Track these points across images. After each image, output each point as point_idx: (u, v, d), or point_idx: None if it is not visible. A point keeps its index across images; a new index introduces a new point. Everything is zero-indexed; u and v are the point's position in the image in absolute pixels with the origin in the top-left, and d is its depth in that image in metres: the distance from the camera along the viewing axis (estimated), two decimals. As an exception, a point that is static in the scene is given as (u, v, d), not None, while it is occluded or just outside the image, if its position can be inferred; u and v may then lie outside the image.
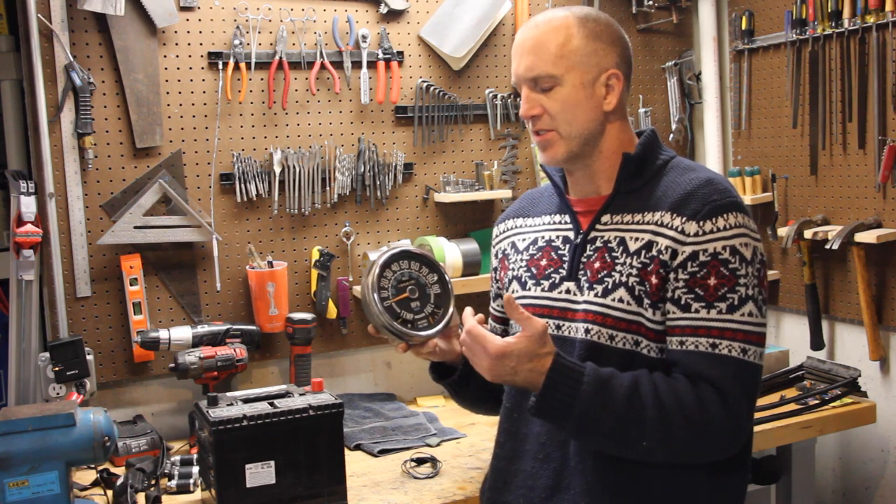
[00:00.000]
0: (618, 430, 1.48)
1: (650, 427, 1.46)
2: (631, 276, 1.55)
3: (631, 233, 1.58)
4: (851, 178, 2.82)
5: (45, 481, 1.83)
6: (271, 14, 2.62)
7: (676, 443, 1.48)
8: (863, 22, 2.69)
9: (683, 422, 1.46)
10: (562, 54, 1.58)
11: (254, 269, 2.62)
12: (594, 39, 1.60)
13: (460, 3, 2.84)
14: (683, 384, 1.48)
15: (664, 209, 1.56)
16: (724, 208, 1.52)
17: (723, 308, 1.49)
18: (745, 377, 1.49)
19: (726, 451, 1.53)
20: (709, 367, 1.48)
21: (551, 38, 1.59)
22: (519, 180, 3.01)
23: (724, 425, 1.47)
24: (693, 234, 1.51)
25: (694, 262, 1.50)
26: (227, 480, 1.91)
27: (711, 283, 1.50)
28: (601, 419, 1.47)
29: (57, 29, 2.37)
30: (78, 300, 2.46)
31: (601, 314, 1.57)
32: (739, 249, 1.50)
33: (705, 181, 1.56)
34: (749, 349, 1.49)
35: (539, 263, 1.71)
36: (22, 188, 2.31)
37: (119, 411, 2.51)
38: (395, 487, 2.13)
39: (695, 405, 1.46)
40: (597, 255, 1.61)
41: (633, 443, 1.48)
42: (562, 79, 1.58)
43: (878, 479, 2.83)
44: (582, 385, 1.46)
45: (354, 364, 2.85)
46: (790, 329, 3.13)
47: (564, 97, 1.59)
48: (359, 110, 2.78)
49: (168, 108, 2.54)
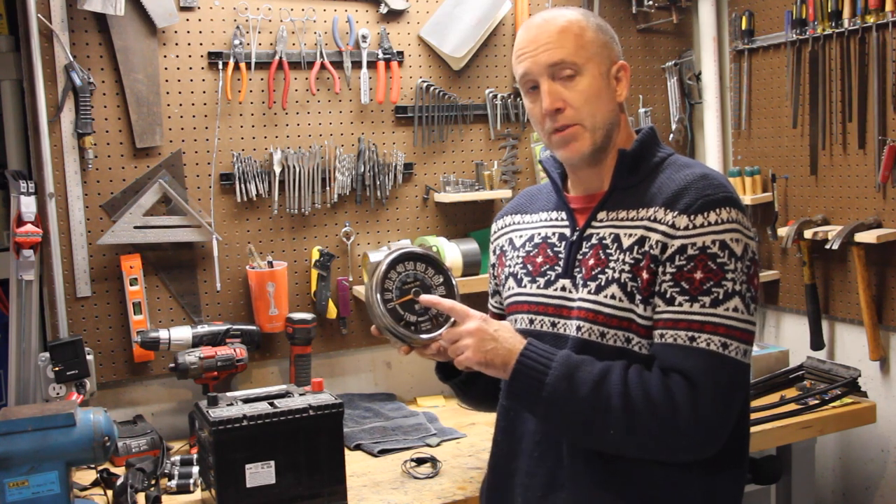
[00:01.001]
0: (584, 417, 1.48)
1: (615, 415, 1.45)
2: (623, 273, 1.54)
3: (625, 229, 1.57)
4: (851, 178, 2.82)
5: (45, 481, 1.83)
6: (271, 14, 2.62)
7: (642, 433, 1.46)
8: (863, 22, 2.69)
9: (648, 412, 1.44)
10: (581, 44, 1.58)
11: (254, 269, 2.62)
12: (602, 33, 1.62)
13: (460, 3, 2.84)
14: (655, 376, 1.47)
15: (658, 205, 1.55)
16: (716, 203, 1.50)
17: (706, 302, 1.47)
18: (722, 372, 1.45)
19: (698, 447, 1.48)
20: (682, 360, 1.46)
21: (568, 28, 1.59)
22: (519, 180, 3.01)
23: (691, 418, 1.44)
24: (683, 227, 1.50)
25: (682, 255, 1.50)
26: (227, 480, 1.91)
27: (698, 277, 1.48)
28: (568, 403, 1.48)
29: (57, 29, 2.37)
30: (78, 300, 2.46)
31: (593, 311, 1.57)
32: (729, 244, 1.49)
33: (700, 176, 1.54)
34: (731, 344, 1.46)
35: (535, 260, 1.70)
36: (22, 188, 2.31)
37: (119, 411, 2.51)
38: (395, 487, 2.13)
39: (660, 395, 1.45)
40: (592, 252, 1.60)
41: (600, 430, 1.47)
42: (583, 68, 1.58)
43: (878, 479, 2.83)
44: (550, 369, 1.49)
45: (354, 364, 2.85)
46: (790, 329, 3.13)
47: (586, 87, 1.58)
48: (359, 110, 2.78)
49: (168, 108, 2.54)
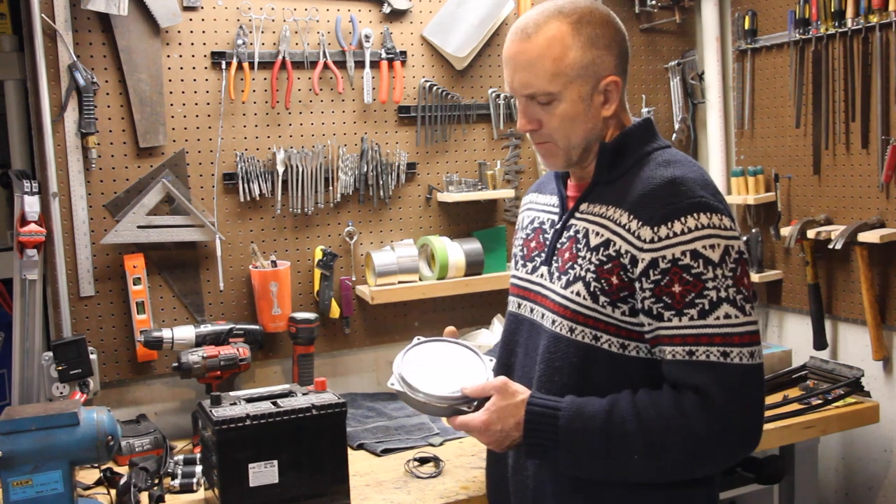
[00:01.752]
0: (607, 449, 1.46)
1: (635, 439, 1.44)
2: (588, 272, 1.52)
3: (595, 226, 1.55)
4: (854, 177, 2.81)
5: (48, 480, 1.84)
6: (274, 14, 2.62)
7: (665, 452, 1.44)
8: (866, 21, 2.68)
9: (664, 428, 1.43)
10: (558, 71, 1.51)
11: (257, 268, 2.62)
12: (591, 47, 1.52)
13: (463, 3, 2.84)
14: (666, 394, 1.46)
15: (624, 207, 1.51)
16: (680, 211, 1.44)
17: (693, 314, 1.44)
18: (732, 380, 1.42)
19: (731, 452, 1.46)
20: (689, 375, 1.44)
21: (546, 53, 1.51)
22: (522, 180, 3.01)
23: (710, 429, 1.41)
24: (649, 240, 1.46)
25: (655, 270, 1.45)
26: (231, 480, 1.91)
27: (677, 290, 1.44)
28: (587, 442, 1.46)
29: (60, 28, 2.37)
30: (81, 300, 2.47)
31: (562, 305, 1.56)
32: (702, 252, 1.43)
33: (668, 181, 1.48)
34: (731, 351, 1.42)
35: (530, 245, 1.71)
36: (25, 188, 2.32)
37: (122, 410, 2.51)
38: (397, 487, 2.13)
39: (672, 410, 1.43)
40: (568, 243, 1.59)
41: (624, 457, 1.45)
42: (560, 94, 1.52)
43: (881, 479, 2.83)
44: (559, 417, 1.47)
45: (357, 363, 2.85)
46: (793, 329, 3.13)
47: (563, 112, 1.54)
48: (362, 110, 2.78)
49: (171, 107, 2.54)
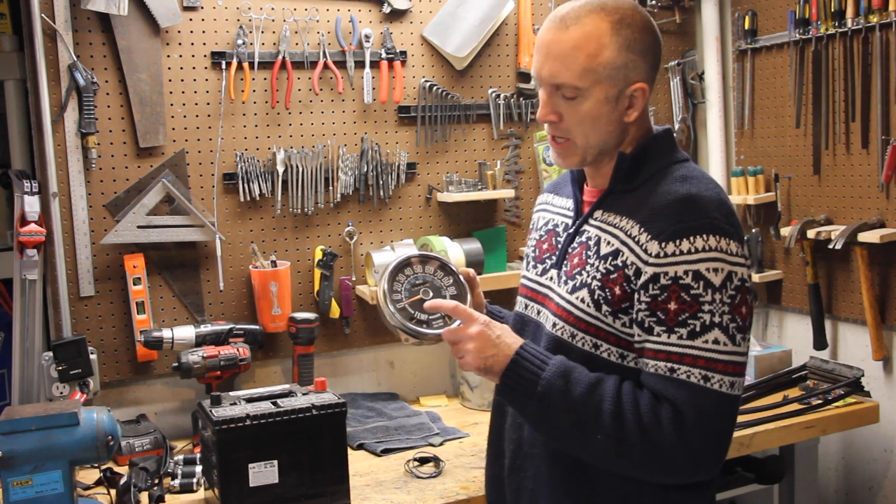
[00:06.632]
0: (577, 417, 1.45)
1: (606, 421, 1.43)
2: (595, 280, 1.52)
3: (607, 234, 1.54)
4: (854, 177, 2.81)
5: (48, 480, 1.84)
6: (274, 14, 2.62)
7: (629, 446, 1.43)
8: (866, 21, 2.68)
9: (636, 425, 1.42)
10: (590, 67, 1.48)
11: (257, 268, 2.62)
12: (626, 51, 1.49)
13: (463, 3, 2.84)
14: (646, 395, 1.45)
15: (637, 220, 1.49)
16: (691, 230, 1.42)
17: (683, 333, 1.42)
18: (707, 405, 1.41)
19: (685, 473, 1.45)
20: (666, 388, 1.43)
21: (581, 47, 1.48)
22: (522, 180, 3.01)
23: (676, 442, 1.40)
24: (655, 254, 1.44)
25: (655, 284, 1.44)
26: (231, 480, 1.91)
27: (672, 308, 1.43)
28: (562, 401, 1.45)
29: (60, 28, 2.37)
30: (81, 300, 2.47)
31: (566, 310, 1.56)
32: (705, 275, 1.41)
33: (683, 198, 1.46)
34: (712, 377, 1.41)
35: (542, 246, 1.71)
36: (25, 188, 2.32)
37: (122, 411, 2.51)
38: (397, 487, 2.13)
39: (648, 412, 1.42)
40: (579, 249, 1.58)
41: (590, 433, 1.44)
42: (586, 92, 1.49)
43: (881, 479, 2.83)
44: (547, 368, 1.47)
45: (357, 363, 2.85)
46: (793, 329, 3.13)
47: (586, 111, 1.51)
48: (362, 110, 2.78)
49: (171, 107, 2.54)
